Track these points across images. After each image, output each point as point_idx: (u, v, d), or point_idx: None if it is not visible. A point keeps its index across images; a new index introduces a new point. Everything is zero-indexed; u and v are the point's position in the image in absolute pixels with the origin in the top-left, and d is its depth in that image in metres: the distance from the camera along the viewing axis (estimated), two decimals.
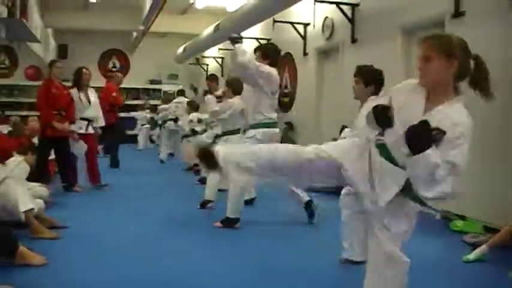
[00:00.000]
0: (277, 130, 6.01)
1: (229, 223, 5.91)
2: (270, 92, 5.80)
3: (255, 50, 6.06)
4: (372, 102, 4.08)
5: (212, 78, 9.96)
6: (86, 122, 8.59)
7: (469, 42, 6.14)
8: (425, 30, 7.18)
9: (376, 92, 4.43)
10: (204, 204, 7.03)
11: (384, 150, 2.70)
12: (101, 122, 8.96)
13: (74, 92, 8.52)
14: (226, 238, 5.59)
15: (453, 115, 2.51)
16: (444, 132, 2.44)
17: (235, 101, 7.10)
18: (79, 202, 7.36)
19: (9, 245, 4.28)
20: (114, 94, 11.27)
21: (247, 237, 5.63)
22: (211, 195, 7.02)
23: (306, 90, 11.00)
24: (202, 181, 8.16)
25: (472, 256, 4.77)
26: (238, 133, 7.04)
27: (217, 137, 7.70)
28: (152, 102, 18.38)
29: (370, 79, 4.50)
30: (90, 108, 8.67)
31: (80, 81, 8.67)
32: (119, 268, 4.43)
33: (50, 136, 7.86)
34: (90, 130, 8.69)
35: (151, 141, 17.69)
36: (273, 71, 5.81)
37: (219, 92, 8.85)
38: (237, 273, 4.35)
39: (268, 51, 5.97)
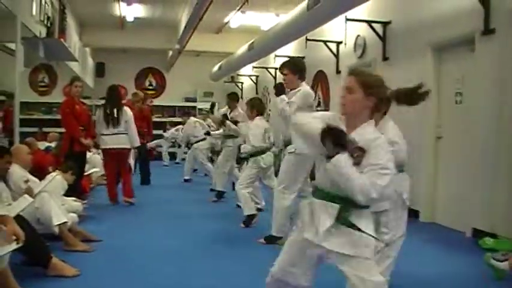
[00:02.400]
0: None
1: (271, 240, 5.94)
2: (307, 106, 5.72)
3: (280, 68, 6.05)
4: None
5: (233, 96, 9.64)
6: None
7: (499, 59, 6.19)
8: (455, 47, 7.20)
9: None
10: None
11: (318, 192, 2.85)
12: (136, 143, 8.93)
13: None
14: (257, 255, 5.64)
15: (367, 135, 2.74)
16: (363, 151, 2.64)
17: (259, 122, 7.38)
18: (112, 216, 7.51)
19: (42, 256, 4.42)
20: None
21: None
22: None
23: (339, 108, 10.99)
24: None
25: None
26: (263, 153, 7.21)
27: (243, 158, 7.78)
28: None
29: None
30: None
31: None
32: (149, 282, 4.52)
33: (77, 151, 8.05)
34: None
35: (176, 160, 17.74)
36: (304, 89, 5.81)
37: (237, 113, 9.14)
38: None
39: (295, 66, 5.95)
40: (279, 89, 5.89)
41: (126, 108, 8.88)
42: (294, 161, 5.74)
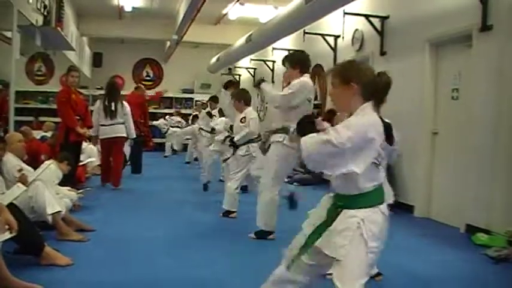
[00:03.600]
0: None
1: (262, 235, 5.91)
2: (307, 100, 5.67)
3: (283, 62, 5.95)
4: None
5: (215, 99, 10.97)
6: None
7: (496, 55, 6.18)
8: (453, 43, 7.19)
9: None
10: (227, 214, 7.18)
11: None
12: (131, 134, 9.51)
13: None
14: (250, 247, 5.64)
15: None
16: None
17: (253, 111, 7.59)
18: (107, 206, 7.51)
19: (35, 245, 4.42)
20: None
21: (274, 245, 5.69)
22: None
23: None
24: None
25: None
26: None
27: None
28: (184, 111, 18.63)
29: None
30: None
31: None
32: (142, 271, 4.52)
33: (73, 141, 8.05)
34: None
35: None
36: (301, 82, 5.65)
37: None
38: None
39: (295, 59, 5.85)
40: (258, 82, 6.08)
41: (125, 103, 9.33)
42: (281, 153, 5.67)
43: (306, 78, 5.72)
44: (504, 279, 4.67)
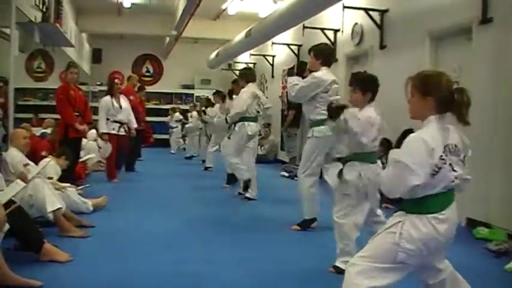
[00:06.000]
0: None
1: (306, 224, 6.07)
2: (320, 92, 5.87)
3: (309, 51, 6.10)
4: (371, 110, 4.19)
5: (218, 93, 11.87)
6: (118, 124, 9.48)
7: (496, 48, 6.15)
8: (453, 36, 7.17)
9: (373, 99, 4.37)
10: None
11: None
12: (133, 124, 9.91)
13: (107, 99, 9.44)
14: (249, 242, 5.64)
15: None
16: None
17: (247, 89, 7.87)
18: (107, 202, 7.48)
19: (35, 241, 4.41)
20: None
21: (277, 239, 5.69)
22: None
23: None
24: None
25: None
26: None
27: None
28: (183, 107, 18.59)
29: (367, 86, 4.39)
30: (122, 112, 9.55)
31: (112, 88, 9.60)
32: (142, 267, 4.51)
33: (72, 137, 8.05)
34: (122, 132, 9.59)
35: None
36: (315, 74, 5.86)
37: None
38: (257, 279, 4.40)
39: (319, 51, 6.01)
40: (298, 68, 6.25)
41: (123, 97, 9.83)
42: (314, 145, 5.92)
43: (321, 72, 5.90)
44: (504, 273, 4.65)
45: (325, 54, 6.04)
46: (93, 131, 10.18)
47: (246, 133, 7.80)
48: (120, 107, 9.55)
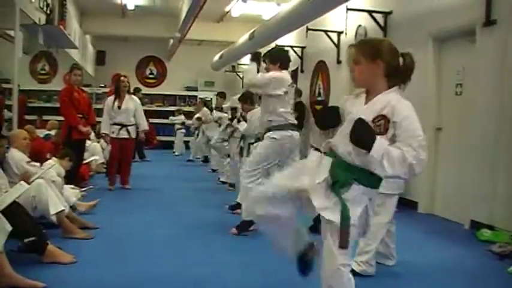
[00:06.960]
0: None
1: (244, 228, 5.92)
2: (283, 92, 5.69)
3: (263, 59, 5.94)
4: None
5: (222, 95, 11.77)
6: (117, 127, 8.88)
7: (500, 50, 6.16)
8: (456, 38, 7.17)
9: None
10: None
11: (330, 154, 2.83)
12: (143, 126, 9.22)
13: (109, 99, 9.01)
14: (251, 244, 5.62)
15: (393, 102, 2.70)
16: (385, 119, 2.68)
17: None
18: (110, 204, 7.49)
19: (38, 243, 4.41)
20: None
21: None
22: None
23: (339, 98, 10.97)
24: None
25: None
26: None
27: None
28: (187, 108, 18.56)
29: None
30: (121, 113, 8.89)
31: (118, 88, 9.01)
32: (145, 269, 4.52)
33: (76, 139, 8.05)
34: (122, 135, 8.94)
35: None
36: (278, 74, 5.70)
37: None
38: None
39: (274, 56, 5.89)
40: (254, 56, 5.89)
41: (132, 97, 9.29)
42: (272, 147, 5.71)
43: (278, 72, 5.74)
44: (508, 276, 4.65)
45: (280, 57, 5.88)
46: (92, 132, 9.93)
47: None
48: (119, 107, 8.84)
